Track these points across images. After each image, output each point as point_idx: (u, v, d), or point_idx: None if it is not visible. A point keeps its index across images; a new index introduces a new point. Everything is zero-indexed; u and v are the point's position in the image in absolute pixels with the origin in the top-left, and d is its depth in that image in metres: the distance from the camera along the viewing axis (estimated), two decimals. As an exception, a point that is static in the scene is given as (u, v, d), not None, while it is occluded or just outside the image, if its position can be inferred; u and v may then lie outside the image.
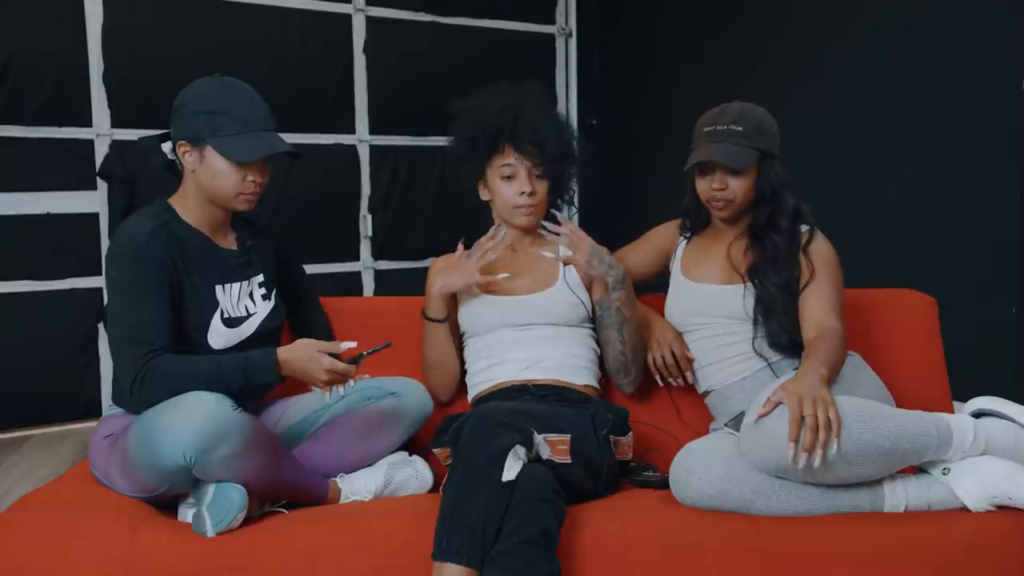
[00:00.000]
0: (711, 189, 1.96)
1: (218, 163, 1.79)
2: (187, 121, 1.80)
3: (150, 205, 1.87)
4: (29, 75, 3.37)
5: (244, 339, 1.87)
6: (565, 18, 4.64)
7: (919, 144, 3.13)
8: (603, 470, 1.84)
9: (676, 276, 2.11)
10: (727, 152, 1.91)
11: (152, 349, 1.70)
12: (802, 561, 1.65)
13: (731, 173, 1.93)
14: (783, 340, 1.92)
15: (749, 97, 2.02)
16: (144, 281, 1.74)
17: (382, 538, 1.65)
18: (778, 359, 1.93)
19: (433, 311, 2.07)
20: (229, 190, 1.81)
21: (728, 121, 1.93)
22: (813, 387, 1.65)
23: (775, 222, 1.96)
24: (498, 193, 2.10)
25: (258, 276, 1.95)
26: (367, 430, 1.94)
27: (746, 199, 1.97)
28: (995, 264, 2.92)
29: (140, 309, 1.73)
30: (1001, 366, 2.87)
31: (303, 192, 3.84)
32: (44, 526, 1.63)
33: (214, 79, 1.84)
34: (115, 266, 1.77)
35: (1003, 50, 2.87)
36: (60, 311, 3.50)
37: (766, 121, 1.96)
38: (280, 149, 1.82)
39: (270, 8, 3.84)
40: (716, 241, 2.06)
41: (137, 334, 1.71)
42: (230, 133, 1.78)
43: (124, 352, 1.72)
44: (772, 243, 1.95)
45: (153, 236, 1.77)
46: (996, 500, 1.70)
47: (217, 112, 1.78)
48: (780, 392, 1.67)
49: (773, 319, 1.92)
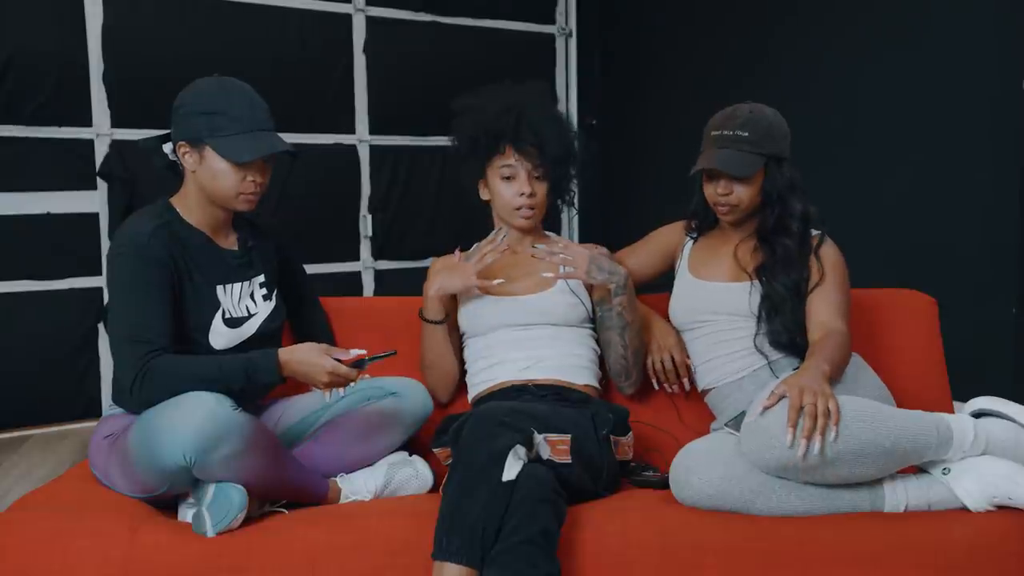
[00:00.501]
0: (717, 194, 1.97)
1: (218, 164, 1.79)
2: (186, 122, 1.80)
3: (152, 205, 1.87)
4: (29, 75, 3.37)
5: (245, 339, 1.87)
6: (565, 18, 4.64)
7: (919, 144, 3.13)
8: (603, 470, 1.84)
9: (683, 275, 2.11)
10: (731, 160, 1.91)
11: (153, 349, 1.70)
12: (802, 561, 1.65)
13: (736, 180, 1.94)
14: (783, 339, 1.92)
15: (747, 98, 2.01)
16: (145, 281, 1.74)
17: (382, 538, 1.65)
18: (777, 357, 1.94)
19: (430, 312, 2.07)
20: (229, 191, 1.81)
21: (735, 126, 1.93)
22: (815, 381, 1.67)
23: (785, 225, 1.96)
24: (498, 193, 2.10)
25: (259, 276, 1.95)
26: (367, 430, 1.94)
27: (752, 204, 1.98)
28: (995, 264, 2.92)
29: (141, 309, 1.73)
30: (1001, 366, 2.87)
31: (303, 192, 3.84)
32: (44, 526, 1.63)
33: (213, 79, 1.84)
34: (116, 265, 1.77)
35: (1003, 50, 2.87)
36: (60, 311, 3.50)
37: (775, 124, 1.96)
38: (279, 149, 1.81)
39: (270, 8, 3.84)
40: (724, 241, 2.07)
41: (138, 334, 1.71)
42: (229, 133, 1.77)
43: (125, 352, 1.72)
44: (783, 246, 1.95)
45: (154, 236, 1.76)
46: (996, 500, 1.70)
47: (216, 112, 1.77)
48: (783, 386, 1.68)
49: (777, 317, 1.92)
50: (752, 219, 2.02)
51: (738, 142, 1.92)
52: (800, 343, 1.91)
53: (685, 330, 2.09)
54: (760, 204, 1.98)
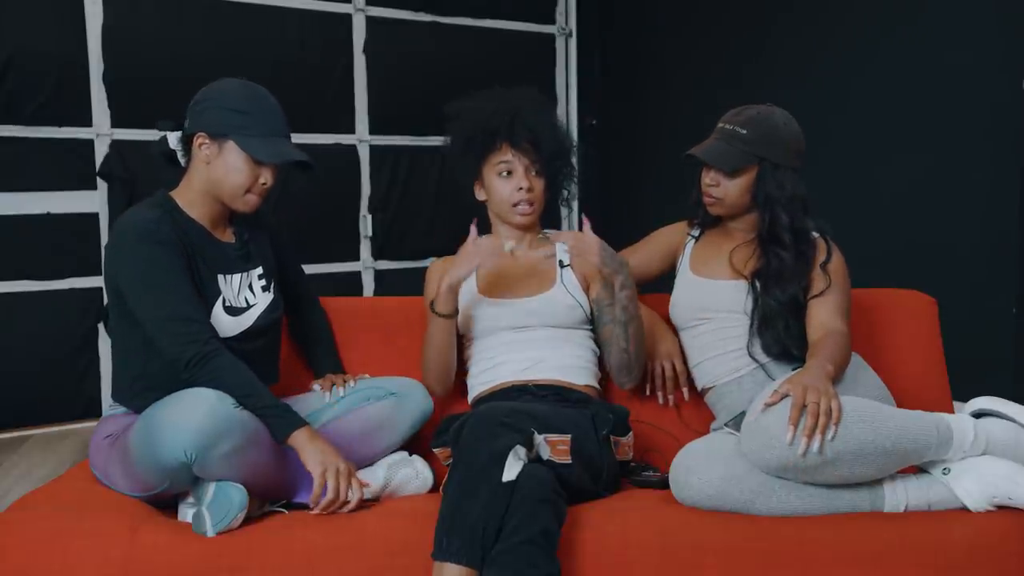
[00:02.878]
0: (705, 184, 2.01)
1: (235, 160, 1.81)
2: (210, 114, 1.82)
3: (150, 198, 1.88)
4: (29, 75, 3.38)
5: (245, 329, 1.87)
6: (565, 18, 4.64)
7: (919, 144, 3.13)
8: (603, 470, 1.84)
9: (684, 273, 2.11)
10: (716, 151, 1.95)
11: (208, 331, 1.74)
12: (802, 561, 1.65)
13: (724, 173, 1.96)
14: (775, 350, 1.93)
15: (748, 97, 2.02)
16: (167, 263, 1.75)
17: (382, 538, 1.65)
18: (768, 361, 1.94)
19: (442, 306, 2.02)
20: (239, 188, 1.83)
21: (737, 123, 1.95)
22: (818, 380, 1.67)
23: (776, 234, 1.96)
24: (495, 191, 2.10)
25: (257, 268, 1.96)
26: (367, 430, 1.94)
27: (738, 202, 1.99)
28: (995, 264, 2.92)
29: (174, 288, 1.74)
30: (1001, 366, 2.87)
31: (303, 192, 3.84)
32: (44, 526, 1.63)
33: (242, 81, 1.88)
34: (128, 256, 1.76)
35: (1003, 50, 2.87)
36: (60, 311, 3.50)
37: (780, 129, 1.96)
38: (298, 157, 1.87)
39: (270, 8, 3.85)
40: (726, 240, 2.07)
41: (185, 313, 1.72)
42: (253, 134, 1.82)
43: (175, 330, 1.72)
44: (778, 259, 1.95)
45: (161, 221, 1.78)
46: (996, 500, 1.70)
47: (244, 112, 1.82)
48: (787, 384, 1.68)
49: (768, 331, 1.93)
50: (749, 219, 2.03)
51: (733, 138, 1.94)
52: (795, 354, 1.91)
53: (685, 328, 2.09)
54: (752, 205, 1.99)
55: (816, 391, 1.63)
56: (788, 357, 1.92)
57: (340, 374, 2.09)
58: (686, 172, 2.05)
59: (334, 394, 1.99)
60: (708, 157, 1.95)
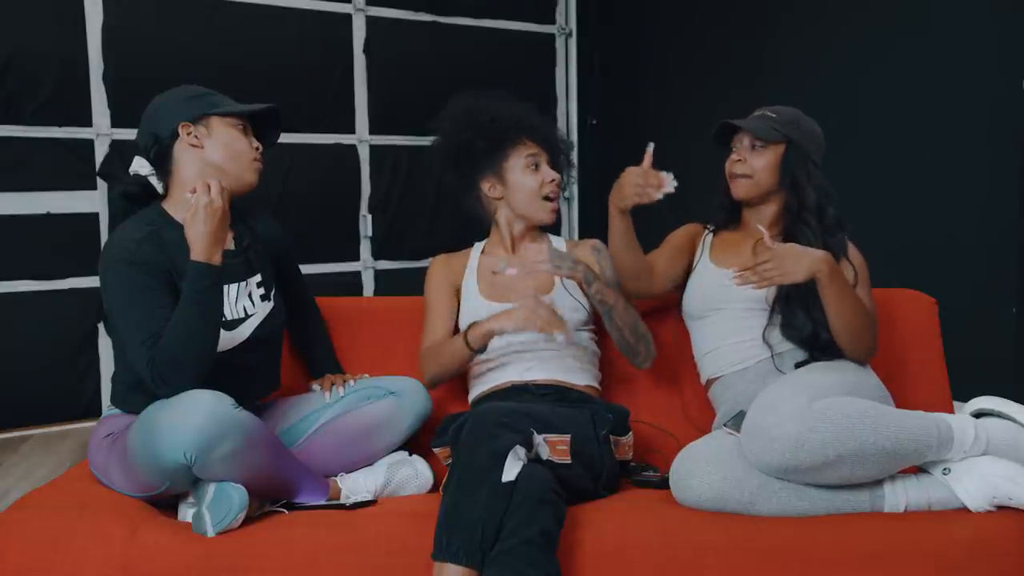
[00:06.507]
0: (732, 163, 2.03)
1: (226, 130, 1.85)
2: (176, 108, 1.85)
3: (142, 211, 1.87)
4: (29, 75, 3.37)
5: (241, 342, 1.86)
6: (565, 18, 4.63)
7: (919, 144, 3.13)
8: (603, 470, 1.84)
9: (704, 263, 2.11)
10: (752, 122, 2.00)
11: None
12: (802, 561, 1.65)
13: (752, 149, 1.99)
14: (807, 331, 1.91)
15: (747, 96, 2.04)
16: (144, 286, 1.73)
17: (382, 538, 1.65)
18: (783, 350, 1.94)
19: (477, 342, 1.98)
20: (243, 155, 1.86)
21: (768, 109, 2.04)
22: (802, 259, 1.79)
23: (804, 217, 1.98)
24: (520, 185, 2.10)
25: (256, 276, 1.94)
26: (367, 430, 1.94)
27: (766, 181, 2.01)
28: (995, 264, 2.92)
29: (147, 313, 1.72)
30: (1001, 366, 2.87)
31: (303, 192, 3.84)
32: (44, 526, 1.63)
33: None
34: (109, 277, 1.76)
35: (1003, 50, 2.87)
36: (60, 311, 3.49)
37: (806, 121, 2.04)
38: (267, 104, 1.92)
39: (270, 8, 3.84)
40: (746, 236, 2.08)
41: (151, 330, 1.70)
42: (223, 103, 1.88)
43: (141, 356, 1.70)
44: (806, 238, 1.96)
45: (144, 243, 1.77)
46: (996, 500, 1.70)
47: (201, 95, 1.88)
48: (777, 246, 1.80)
49: (799, 311, 1.92)
50: (770, 210, 2.04)
51: (764, 118, 2.02)
52: (825, 338, 1.90)
53: (698, 318, 2.08)
54: (774, 190, 2.01)
55: (784, 267, 1.76)
56: (818, 343, 1.91)
57: (340, 374, 2.09)
58: (685, 174, 2.05)
59: (334, 394, 1.99)
60: (746, 125, 1.99)
